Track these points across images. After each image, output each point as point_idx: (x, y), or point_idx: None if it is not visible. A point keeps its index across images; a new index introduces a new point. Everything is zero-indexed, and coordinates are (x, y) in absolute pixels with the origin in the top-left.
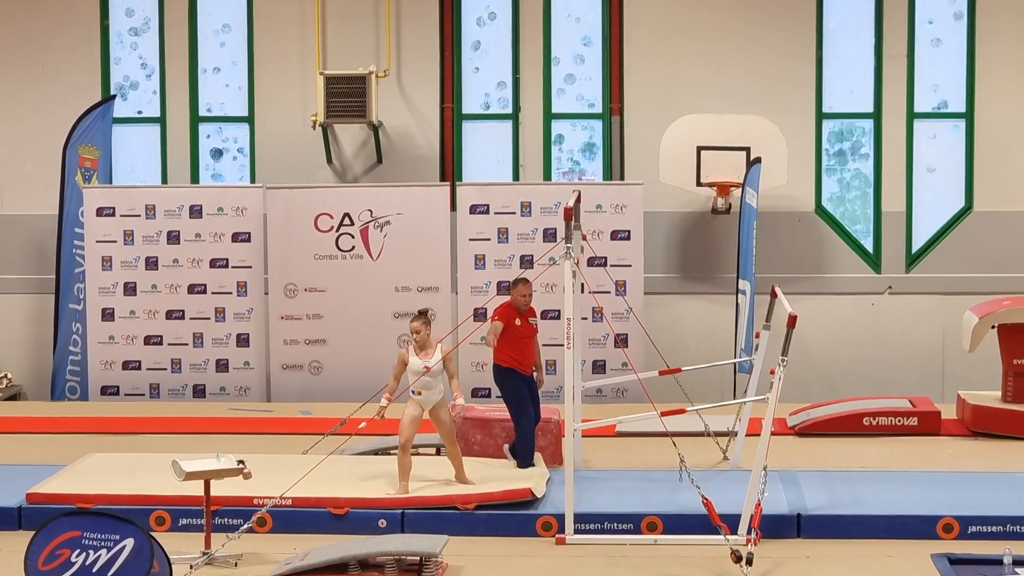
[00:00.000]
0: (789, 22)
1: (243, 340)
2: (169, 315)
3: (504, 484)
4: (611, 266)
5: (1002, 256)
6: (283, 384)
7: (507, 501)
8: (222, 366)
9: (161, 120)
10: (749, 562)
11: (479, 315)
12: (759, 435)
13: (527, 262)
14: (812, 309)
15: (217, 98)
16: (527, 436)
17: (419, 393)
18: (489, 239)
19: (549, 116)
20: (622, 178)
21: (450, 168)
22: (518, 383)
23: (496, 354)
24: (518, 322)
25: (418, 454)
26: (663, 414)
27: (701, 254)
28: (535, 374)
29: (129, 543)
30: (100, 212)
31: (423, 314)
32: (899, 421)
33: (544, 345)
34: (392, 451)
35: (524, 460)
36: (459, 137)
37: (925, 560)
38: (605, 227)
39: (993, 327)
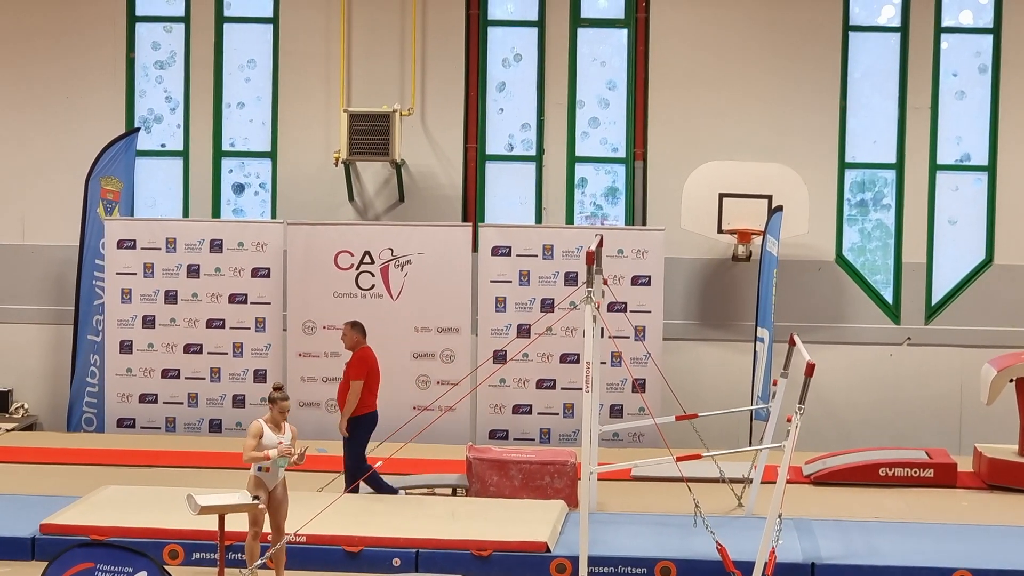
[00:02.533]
0: (814, 71)
1: (260, 376)
2: (187, 349)
3: (520, 533)
4: (631, 311)
5: (1022, 309)
6: (300, 421)
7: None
8: (239, 401)
9: (184, 154)
10: None
11: (499, 357)
12: (774, 483)
13: (548, 305)
14: (830, 358)
15: (240, 133)
16: None
17: (267, 470)
18: (510, 281)
19: (573, 159)
20: (644, 223)
21: (472, 209)
22: None
23: None
24: None
25: (433, 494)
26: (679, 459)
27: (720, 301)
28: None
29: None
30: (121, 244)
31: (279, 389)
32: (915, 472)
33: (563, 389)
34: (410, 490)
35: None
36: (482, 178)
37: None
38: (626, 272)
39: (1011, 380)
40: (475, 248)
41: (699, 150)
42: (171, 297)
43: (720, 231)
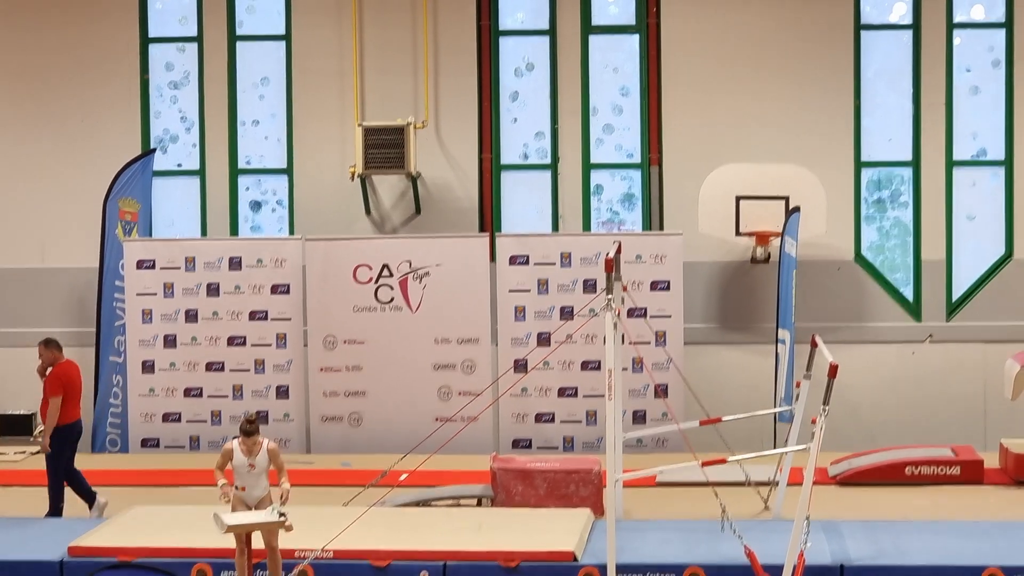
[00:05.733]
0: (827, 71)
1: (283, 392)
2: (209, 367)
3: (547, 543)
4: (651, 316)
5: None
6: (323, 436)
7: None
8: (261, 418)
9: (201, 173)
10: None
11: (520, 366)
12: (801, 485)
13: (567, 313)
14: (852, 358)
15: (256, 150)
16: None
17: (243, 489)
18: (529, 290)
19: (588, 166)
20: (661, 228)
21: (489, 219)
22: None
23: None
24: None
25: (459, 505)
26: (704, 464)
27: (740, 304)
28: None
29: None
30: (140, 265)
31: (252, 423)
32: (942, 470)
33: (585, 396)
34: (435, 502)
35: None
36: (498, 187)
37: None
38: (644, 277)
39: None
40: (493, 258)
41: (714, 153)
42: (191, 316)
43: (738, 234)
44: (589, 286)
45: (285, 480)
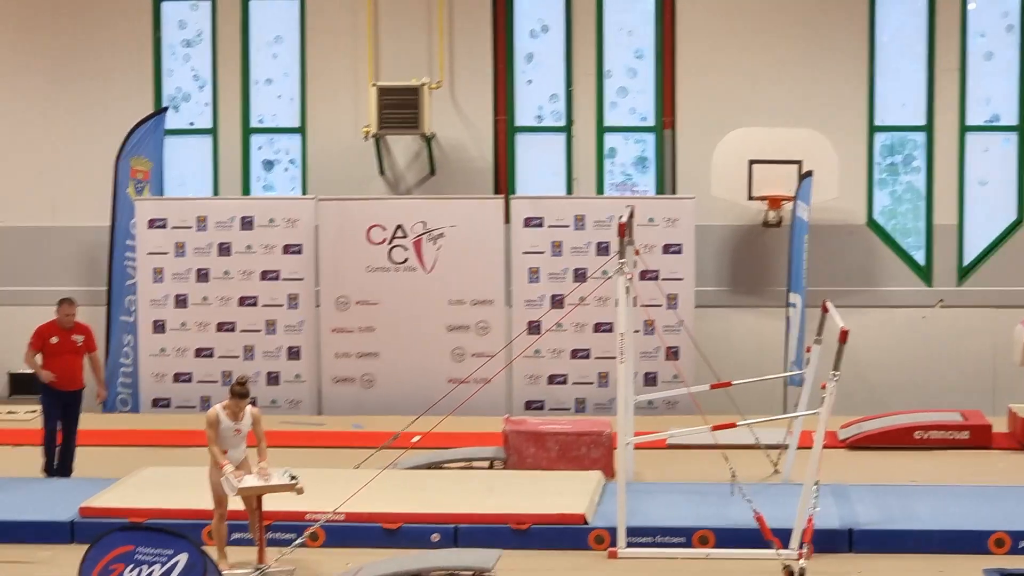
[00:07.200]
0: (841, 36)
1: (294, 353)
2: (220, 327)
3: (558, 505)
4: (663, 279)
5: None
6: (335, 397)
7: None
8: (273, 379)
9: (213, 132)
10: None
11: (534, 328)
12: (810, 448)
13: (580, 275)
14: (863, 322)
15: (269, 109)
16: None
17: (224, 452)
18: (543, 252)
19: (602, 129)
20: (674, 191)
21: (504, 180)
22: (45, 397)
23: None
24: (54, 340)
25: (471, 467)
26: (714, 427)
27: (752, 267)
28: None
29: (182, 558)
30: (152, 224)
31: (244, 384)
32: (950, 435)
33: (597, 358)
34: (447, 465)
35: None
36: (512, 149)
37: (977, 575)
38: (657, 240)
39: None
40: (507, 220)
41: (728, 117)
42: (203, 276)
43: (750, 197)
44: (602, 248)
45: (263, 446)
